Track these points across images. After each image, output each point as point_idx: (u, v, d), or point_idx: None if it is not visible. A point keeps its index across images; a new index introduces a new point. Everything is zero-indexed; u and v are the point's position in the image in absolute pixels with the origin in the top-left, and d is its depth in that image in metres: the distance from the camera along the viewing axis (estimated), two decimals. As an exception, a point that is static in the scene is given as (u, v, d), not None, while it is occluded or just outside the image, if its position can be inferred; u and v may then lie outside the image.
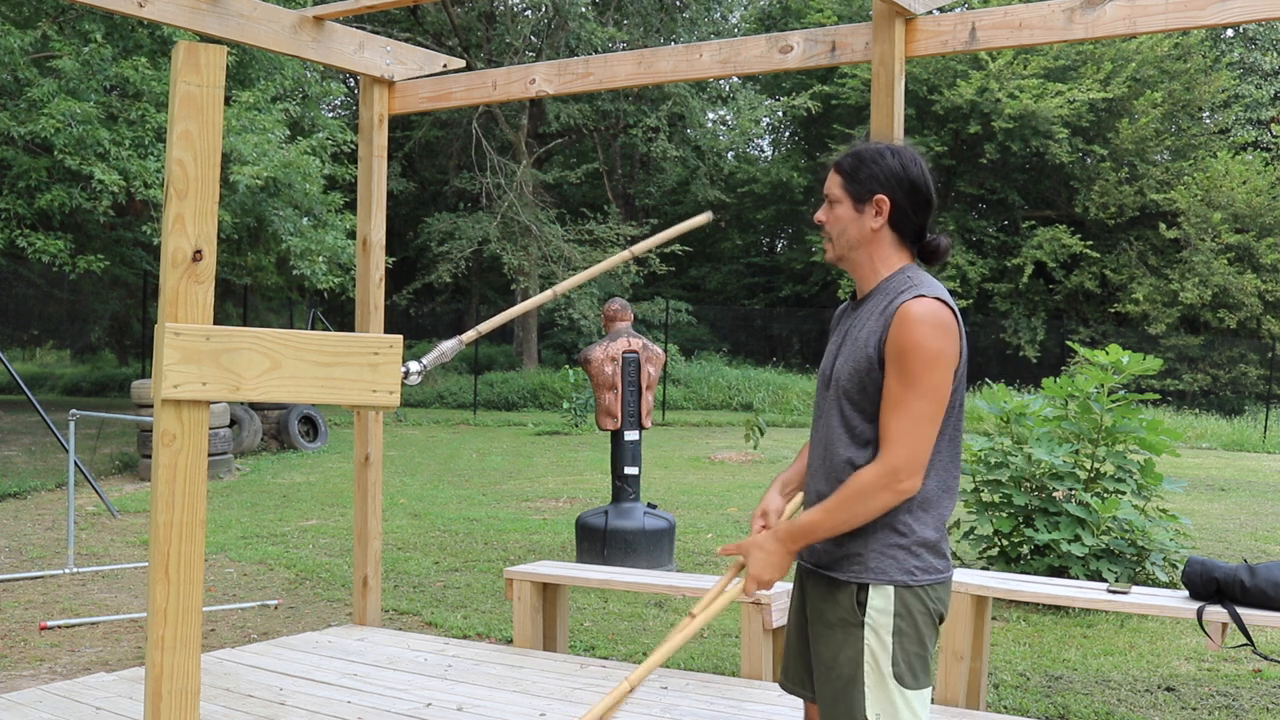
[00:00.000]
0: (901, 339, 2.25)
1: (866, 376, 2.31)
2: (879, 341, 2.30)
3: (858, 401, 2.33)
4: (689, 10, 25.46)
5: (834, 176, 2.45)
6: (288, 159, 13.33)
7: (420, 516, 9.67)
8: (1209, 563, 4.13)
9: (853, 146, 2.49)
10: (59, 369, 29.18)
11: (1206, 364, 24.00)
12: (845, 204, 2.42)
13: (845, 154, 2.47)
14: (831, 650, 2.34)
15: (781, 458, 14.03)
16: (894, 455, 2.25)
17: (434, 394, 22.14)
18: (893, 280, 2.39)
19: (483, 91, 5.17)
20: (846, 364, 2.36)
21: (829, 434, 2.39)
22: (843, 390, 2.36)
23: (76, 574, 7.20)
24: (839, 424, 2.36)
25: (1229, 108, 26.83)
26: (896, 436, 2.25)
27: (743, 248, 31.68)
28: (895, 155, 2.41)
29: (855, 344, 2.36)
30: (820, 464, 2.41)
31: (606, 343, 7.32)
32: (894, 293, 2.34)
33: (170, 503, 2.13)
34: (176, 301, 2.13)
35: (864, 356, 2.32)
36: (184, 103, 2.12)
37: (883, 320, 2.30)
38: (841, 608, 2.33)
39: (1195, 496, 11.11)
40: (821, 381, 2.49)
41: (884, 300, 2.35)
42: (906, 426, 2.25)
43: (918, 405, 2.24)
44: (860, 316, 2.40)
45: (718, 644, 5.69)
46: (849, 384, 2.34)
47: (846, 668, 2.31)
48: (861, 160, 2.42)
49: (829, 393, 2.42)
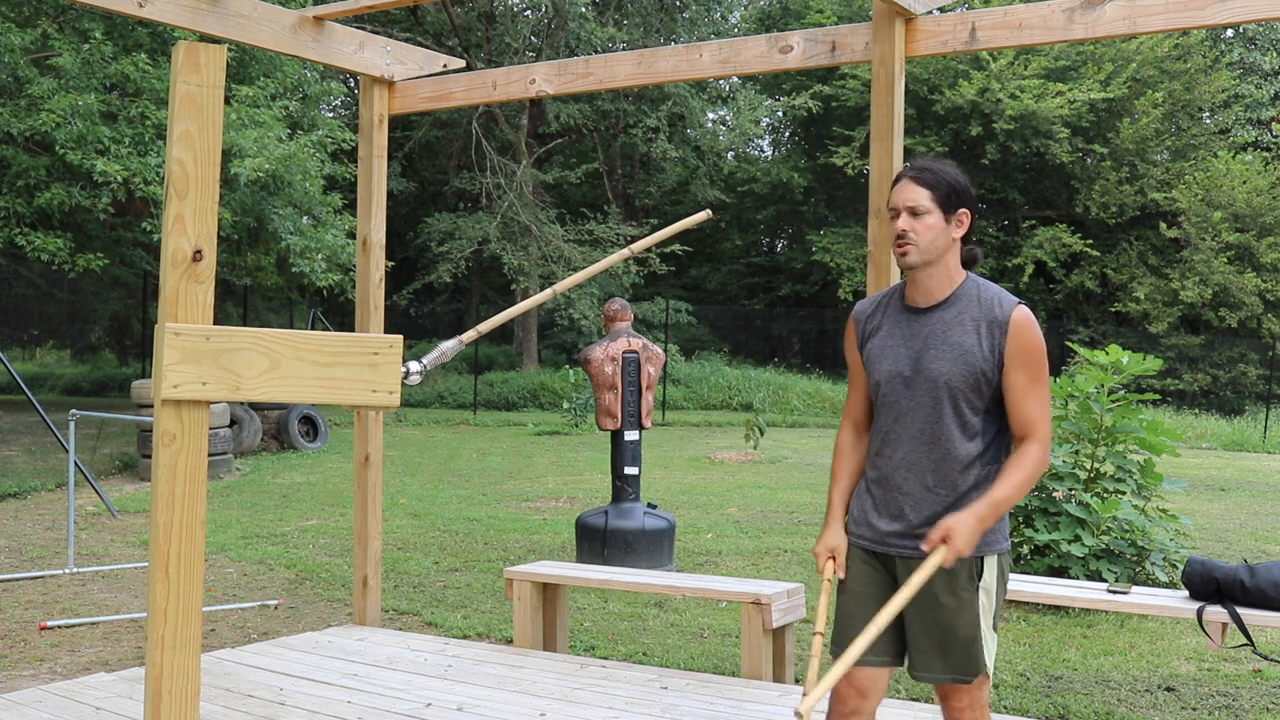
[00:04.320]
0: (1025, 342, 2.65)
1: (982, 378, 2.66)
2: (994, 347, 2.65)
3: (971, 400, 2.68)
4: (689, 10, 25.45)
5: (919, 189, 2.69)
6: (288, 152, 13.33)
7: (420, 516, 9.67)
8: (1209, 563, 4.13)
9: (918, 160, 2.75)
10: (59, 369, 29.17)
11: (1206, 364, 24.00)
12: (935, 214, 2.69)
13: (918, 168, 2.73)
14: (948, 618, 2.70)
15: (781, 458, 14.03)
16: (1044, 433, 2.67)
17: (434, 394, 22.13)
18: (969, 287, 2.74)
19: (483, 91, 5.16)
20: (956, 366, 2.67)
21: (938, 430, 2.69)
22: (955, 390, 2.67)
23: (76, 574, 7.20)
24: (952, 420, 2.68)
25: (1229, 108, 26.83)
26: (1041, 418, 2.66)
27: (743, 248, 31.66)
28: (963, 174, 2.75)
29: (959, 349, 2.67)
30: (927, 458, 2.70)
31: (606, 343, 7.32)
32: (987, 301, 2.69)
33: (170, 503, 2.13)
34: (176, 301, 2.13)
35: (978, 360, 2.66)
36: (184, 103, 2.12)
37: (991, 327, 2.66)
38: (958, 580, 2.69)
39: (1195, 496, 11.11)
40: (899, 381, 2.73)
41: (975, 307, 2.69)
42: (1044, 411, 2.67)
43: (1044, 392, 2.68)
44: (946, 320, 2.71)
45: (718, 644, 5.69)
46: (962, 384, 2.67)
47: (967, 629, 2.70)
48: (940, 176, 2.71)
49: (921, 393, 2.70)
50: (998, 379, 2.67)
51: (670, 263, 24.36)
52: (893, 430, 2.74)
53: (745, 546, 8.28)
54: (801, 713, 2.34)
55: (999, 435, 2.74)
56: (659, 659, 5.36)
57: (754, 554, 8.00)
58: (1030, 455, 2.64)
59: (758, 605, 4.49)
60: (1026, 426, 2.67)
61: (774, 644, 4.61)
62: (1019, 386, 2.65)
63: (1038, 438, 2.66)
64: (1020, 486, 2.63)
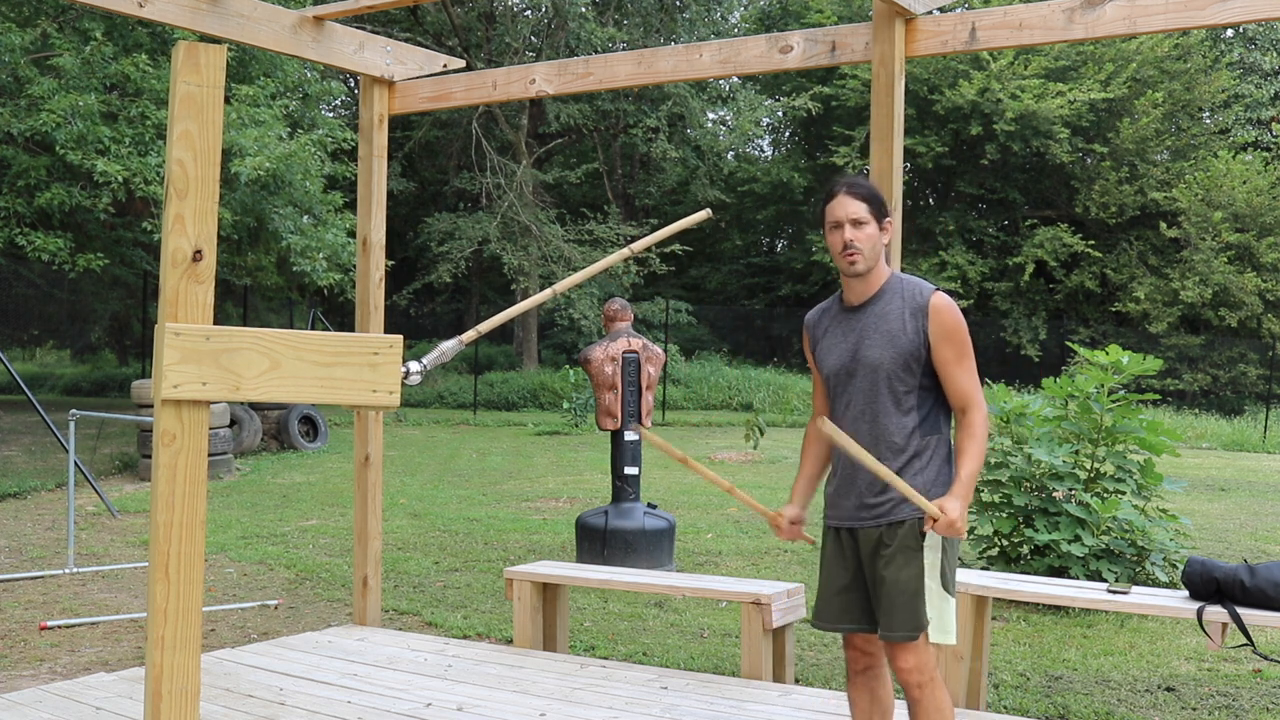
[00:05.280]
0: (945, 321, 3.00)
1: (911, 358, 3.00)
2: (919, 329, 3.00)
3: (903, 379, 3.02)
4: (689, 10, 25.44)
5: (857, 202, 3.04)
6: (289, 151, 13.32)
7: (420, 516, 9.67)
8: (1209, 563, 4.12)
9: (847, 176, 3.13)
10: (59, 369, 29.17)
11: (1206, 364, 23.99)
12: (872, 224, 3.05)
13: (851, 183, 3.08)
14: (894, 572, 3.00)
15: (781, 458, 14.03)
16: (979, 399, 3.03)
17: (434, 394, 22.13)
18: (893, 282, 3.09)
19: (483, 91, 5.16)
20: (887, 351, 3.01)
21: (875, 408, 3.04)
22: (887, 372, 3.01)
23: (76, 574, 7.20)
24: (887, 398, 3.02)
25: (1229, 108, 26.83)
26: (974, 387, 3.03)
27: (743, 248, 31.64)
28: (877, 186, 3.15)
29: (889, 335, 3.02)
30: (868, 434, 3.03)
31: (606, 343, 7.32)
32: (909, 291, 3.04)
33: (170, 503, 2.13)
34: (176, 301, 2.13)
35: (904, 342, 3.00)
36: (184, 103, 2.12)
37: (915, 313, 3.01)
38: (904, 539, 3.01)
39: (1195, 496, 11.11)
40: (841, 372, 3.10)
41: (899, 298, 3.04)
42: (974, 380, 3.04)
43: (971, 364, 3.04)
44: (877, 313, 3.06)
45: (718, 644, 5.69)
46: (893, 365, 3.01)
47: (911, 583, 2.99)
48: (870, 190, 3.08)
49: (861, 378, 3.05)
50: (925, 357, 3.01)
51: (670, 263, 24.35)
52: (843, 416, 3.11)
53: (745, 546, 8.28)
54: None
55: (934, 408, 3.07)
56: (659, 659, 5.36)
57: (754, 554, 8.00)
58: (976, 424, 3.00)
59: (758, 605, 4.49)
60: (963, 398, 3.03)
61: (774, 644, 4.61)
62: (948, 362, 3.01)
63: (975, 404, 3.02)
64: (980, 455, 2.99)
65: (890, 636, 3.01)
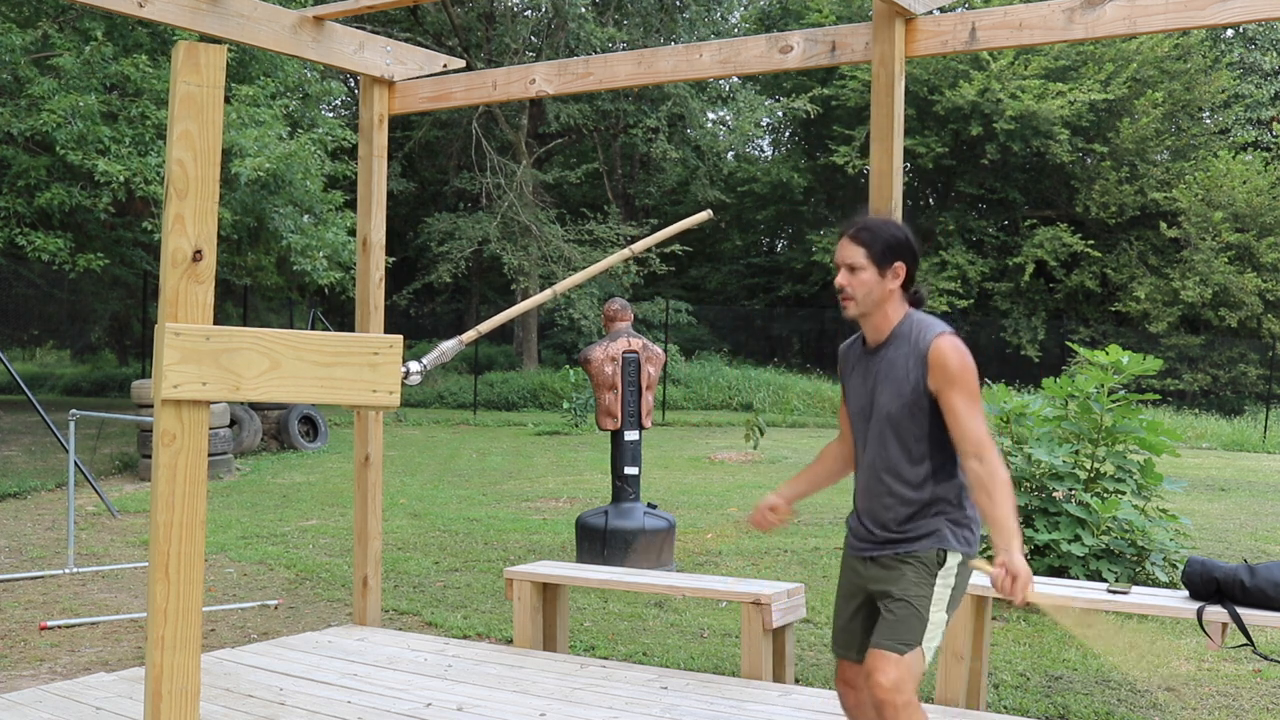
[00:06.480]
0: (946, 368, 2.89)
1: (916, 407, 2.94)
2: (920, 377, 2.92)
3: (911, 429, 2.96)
4: (689, 10, 25.43)
5: (856, 248, 2.96)
6: (289, 151, 13.32)
7: (420, 516, 9.67)
8: (1209, 563, 4.12)
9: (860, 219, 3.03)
10: (59, 369, 29.16)
11: (1206, 364, 23.99)
12: (870, 270, 2.96)
13: (861, 227, 2.99)
14: (904, 586, 2.94)
15: (781, 458, 14.03)
16: (989, 443, 2.89)
17: (434, 394, 22.13)
18: (904, 325, 3.00)
19: (483, 91, 5.16)
20: (894, 400, 2.96)
21: (888, 458, 2.99)
22: (896, 421, 2.96)
23: (76, 574, 7.20)
24: (896, 447, 2.98)
25: (1229, 108, 26.82)
26: (981, 431, 2.89)
27: (743, 248, 31.64)
28: (899, 228, 3.00)
29: (896, 383, 2.96)
30: (880, 484, 3.01)
31: (606, 343, 7.32)
32: (915, 336, 2.96)
33: (170, 503, 2.13)
34: (176, 301, 2.13)
35: (908, 390, 2.94)
36: (184, 103, 2.12)
37: (918, 361, 2.93)
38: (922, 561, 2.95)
39: (1195, 496, 11.11)
40: (860, 415, 3.07)
41: (907, 343, 2.96)
42: (981, 424, 2.90)
43: (979, 406, 2.93)
44: (888, 359, 2.99)
45: (718, 644, 5.69)
46: (901, 415, 2.95)
47: (918, 602, 2.92)
48: (877, 234, 2.97)
49: (875, 425, 3.01)
50: (929, 405, 2.94)
51: (670, 263, 24.35)
52: (860, 459, 3.10)
53: (745, 546, 8.28)
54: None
55: (948, 455, 2.99)
56: (659, 659, 5.36)
57: (754, 554, 8.00)
58: (996, 472, 2.87)
59: (758, 605, 4.49)
60: (975, 444, 2.89)
61: (774, 644, 4.61)
62: (954, 406, 2.90)
63: (987, 448, 2.88)
64: (1009, 501, 2.86)
65: (879, 644, 2.91)
